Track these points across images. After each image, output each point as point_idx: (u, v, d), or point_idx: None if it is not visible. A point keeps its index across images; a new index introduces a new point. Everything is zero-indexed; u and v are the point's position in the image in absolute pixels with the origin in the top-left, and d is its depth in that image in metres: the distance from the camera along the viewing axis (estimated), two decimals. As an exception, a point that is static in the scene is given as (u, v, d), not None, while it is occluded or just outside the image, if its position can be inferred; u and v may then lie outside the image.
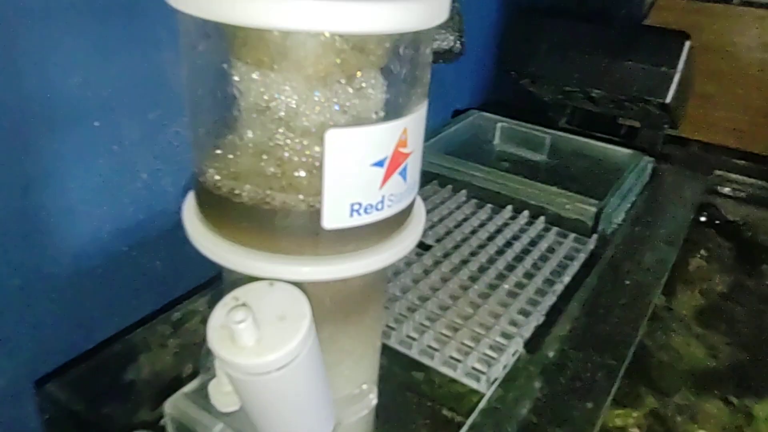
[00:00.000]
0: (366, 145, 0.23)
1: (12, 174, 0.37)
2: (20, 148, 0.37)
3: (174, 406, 0.28)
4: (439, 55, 0.46)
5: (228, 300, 0.22)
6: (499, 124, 0.66)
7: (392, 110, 0.25)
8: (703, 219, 0.65)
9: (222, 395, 0.27)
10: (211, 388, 0.27)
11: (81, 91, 0.39)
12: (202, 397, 0.28)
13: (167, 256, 0.49)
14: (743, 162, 0.71)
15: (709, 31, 0.91)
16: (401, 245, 0.27)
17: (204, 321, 0.42)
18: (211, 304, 0.43)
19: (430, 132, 0.65)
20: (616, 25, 0.60)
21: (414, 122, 0.25)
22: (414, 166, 0.26)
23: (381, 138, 0.24)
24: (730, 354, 0.48)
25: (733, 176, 0.67)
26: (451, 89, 0.82)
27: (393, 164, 0.24)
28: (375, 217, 0.25)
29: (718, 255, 0.61)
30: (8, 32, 0.35)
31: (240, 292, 0.22)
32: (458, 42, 0.45)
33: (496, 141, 0.67)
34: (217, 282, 0.47)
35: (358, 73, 0.24)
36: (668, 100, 0.57)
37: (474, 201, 0.55)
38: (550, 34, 0.63)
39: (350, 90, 0.24)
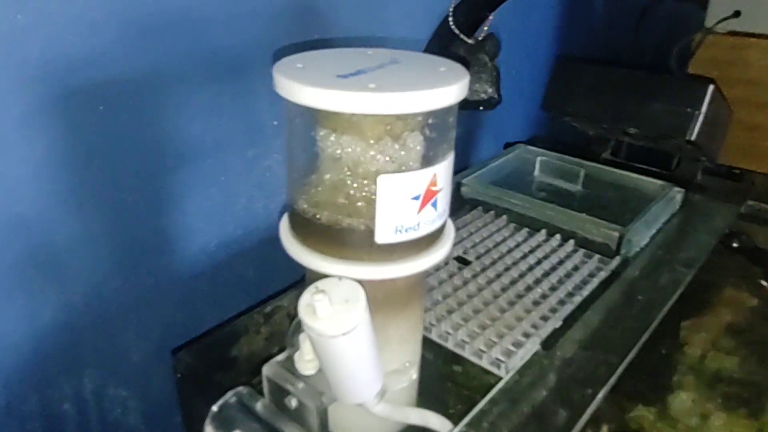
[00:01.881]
0: (406, 185, 0.34)
1: (150, 199, 0.49)
2: (157, 181, 0.49)
3: (270, 369, 0.39)
4: (480, 104, 0.56)
5: (311, 288, 0.32)
6: (538, 158, 0.75)
7: (426, 159, 0.35)
8: (735, 246, 0.71)
9: (304, 362, 0.38)
10: (297, 357, 0.38)
11: (201, 135, 0.50)
12: (290, 364, 0.39)
13: (258, 265, 0.60)
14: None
15: (757, 66, 0.95)
16: (433, 256, 0.37)
17: (288, 315, 0.54)
18: (294, 303, 0.54)
19: (480, 163, 0.75)
20: (646, 71, 0.67)
21: (442, 168, 0.35)
22: (443, 199, 0.36)
23: (417, 181, 0.34)
24: (747, 371, 0.53)
25: (764, 206, 0.72)
26: (504, 125, 0.91)
27: (426, 198, 0.35)
28: (413, 235, 0.35)
29: (746, 280, 0.66)
30: (153, 91, 0.46)
31: (319, 283, 0.33)
32: (495, 93, 0.55)
33: (536, 173, 0.75)
34: (297, 286, 0.58)
35: (402, 134, 0.34)
36: (693, 137, 0.64)
37: (513, 225, 0.64)
38: (587, 78, 0.71)
39: (396, 146, 0.34)
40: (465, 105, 0.37)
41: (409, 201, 0.34)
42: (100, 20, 0.41)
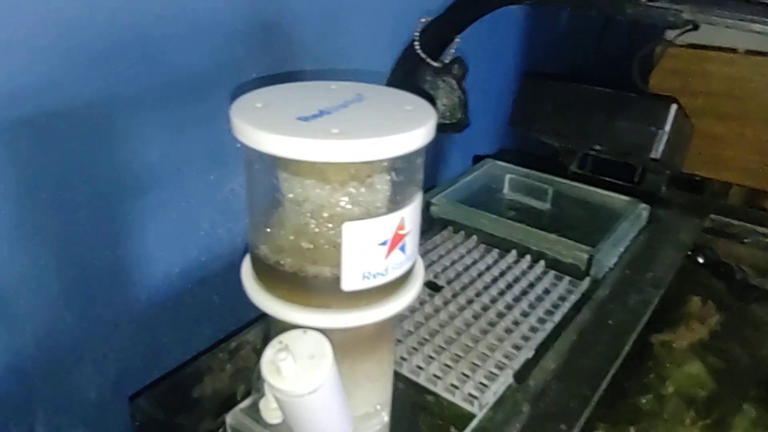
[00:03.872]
0: (373, 231, 0.32)
1: (105, 230, 0.46)
2: (112, 209, 0.46)
3: (233, 417, 0.38)
4: (449, 127, 0.55)
5: (275, 343, 0.31)
6: (507, 175, 0.74)
7: (394, 202, 0.34)
8: (701, 261, 0.72)
9: (269, 410, 0.36)
10: (261, 405, 0.36)
11: (159, 160, 0.48)
12: (254, 411, 0.37)
13: (223, 291, 0.58)
14: (740, 206, 0.76)
15: (717, 78, 0.97)
16: (402, 300, 0.35)
17: (255, 350, 0.52)
18: (260, 336, 0.52)
19: (449, 181, 0.74)
20: (610, 86, 0.67)
21: (410, 211, 0.34)
22: (411, 241, 0.35)
23: (384, 226, 0.33)
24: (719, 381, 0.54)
25: (726, 220, 0.73)
26: (473, 138, 0.90)
27: (394, 242, 0.33)
28: (381, 281, 0.34)
29: (712, 294, 0.67)
30: (105, 118, 0.43)
31: (283, 337, 0.31)
32: (464, 115, 0.54)
33: (506, 190, 0.75)
34: (264, 317, 0.56)
35: (368, 178, 0.33)
36: (658, 156, 0.64)
37: (483, 246, 0.63)
38: (553, 94, 0.71)
39: (362, 189, 0.33)
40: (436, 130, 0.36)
41: (377, 247, 0.33)
42: (45, 46, 0.39)
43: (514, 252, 0.62)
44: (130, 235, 0.48)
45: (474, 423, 0.41)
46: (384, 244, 0.33)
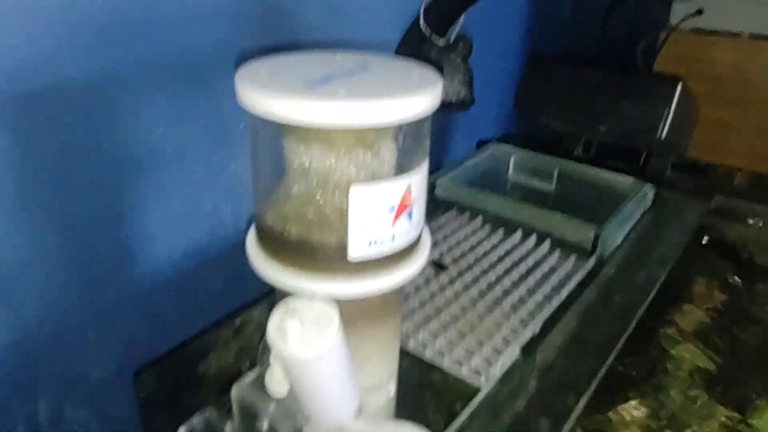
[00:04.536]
0: (380, 197, 0.32)
1: (107, 210, 0.46)
2: (115, 190, 0.46)
3: (239, 391, 0.37)
4: (454, 105, 0.54)
5: (281, 308, 0.30)
6: (512, 156, 0.74)
7: (400, 169, 0.34)
8: (705, 242, 0.71)
9: (275, 383, 0.36)
10: (267, 377, 0.36)
11: (161, 141, 0.48)
12: (260, 384, 0.37)
13: (227, 274, 0.58)
14: (747, 187, 0.76)
15: (721, 63, 0.97)
16: (409, 269, 0.35)
17: (259, 328, 0.52)
18: (266, 314, 0.52)
19: (454, 164, 0.74)
20: (616, 71, 0.67)
21: (417, 177, 0.34)
22: (418, 209, 0.35)
23: (391, 191, 0.32)
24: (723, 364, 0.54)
25: (732, 201, 0.73)
26: (477, 123, 0.90)
27: (401, 209, 0.33)
28: (387, 249, 0.33)
29: (717, 275, 0.67)
30: (107, 97, 0.43)
31: (290, 301, 0.31)
32: (469, 94, 0.54)
33: (511, 171, 0.74)
34: (268, 296, 0.56)
35: (375, 144, 0.33)
36: (663, 135, 0.64)
37: (488, 226, 0.63)
38: (559, 77, 0.70)
39: (369, 156, 0.33)
40: (438, 107, 0.36)
41: (384, 213, 0.32)
42: (47, 21, 0.38)
43: (519, 232, 0.62)
44: (133, 215, 0.48)
45: (480, 396, 0.41)
46: (391, 210, 0.32)
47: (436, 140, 0.84)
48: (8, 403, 0.44)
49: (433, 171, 0.72)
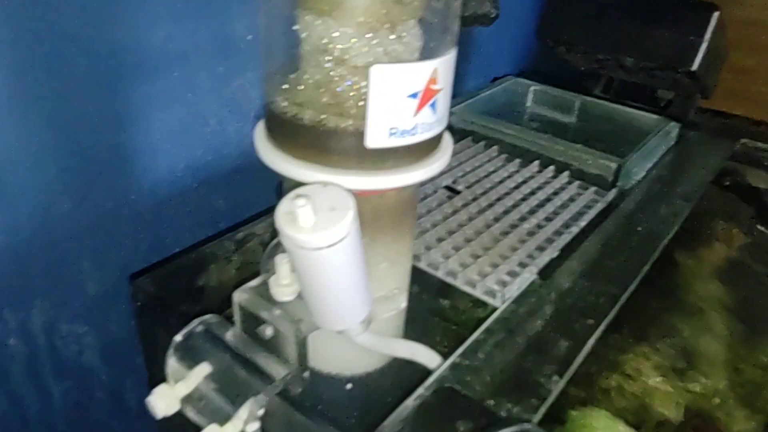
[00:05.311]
0: (403, 79, 0.29)
1: (106, 111, 0.43)
2: (114, 92, 0.43)
3: (241, 295, 0.35)
4: (476, 20, 0.51)
5: (291, 194, 0.28)
6: (532, 88, 0.70)
7: (426, 53, 0.31)
8: (726, 184, 0.68)
9: (280, 287, 0.33)
10: (272, 281, 0.34)
11: (164, 43, 0.45)
12: (264, 290, 0.34)
13: (228, 195, 0.56)
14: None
15: (756, 5, 0.91)
16: (430, 167, 0.32)
17: (262, 244, 0.49)
18: (269, 231, 0.50)
19: (468, 95, 0.70)
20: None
21: (444, 63, 0.30)
22: (443, 101, 0.32)
23: (415, 74, 0.29)
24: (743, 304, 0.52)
25: (760, 145, 0.70)
26: (491, 57, 0.86)
27: (425, 97, 0.30)
28: (408, 140, 0.31)
29: (737, 218, 0.64)
30: None
31: (301, 189, 0.28)
32: (493, 6, 0.50)
33: (529, 104, 0.71)
34: (269, 214, 0.54)
35: (399, 22, 0.29)
36: (695, 68, 0.60)
37: (504, 156, 0.60)
38: (584, 5, 0.66)
39: (392, 36, 0.30)
40: (461, 22, 0.32)
41: (406, 99, 0.29)
42: None
43: (536, 162, 0.59)
44: (133, 121, 0.46)
45: (496, 314, 0.39)
46: (414, 96, 0.30)
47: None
48: (1, 310, 0.42)
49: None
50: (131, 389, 0.54)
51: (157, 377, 0.33)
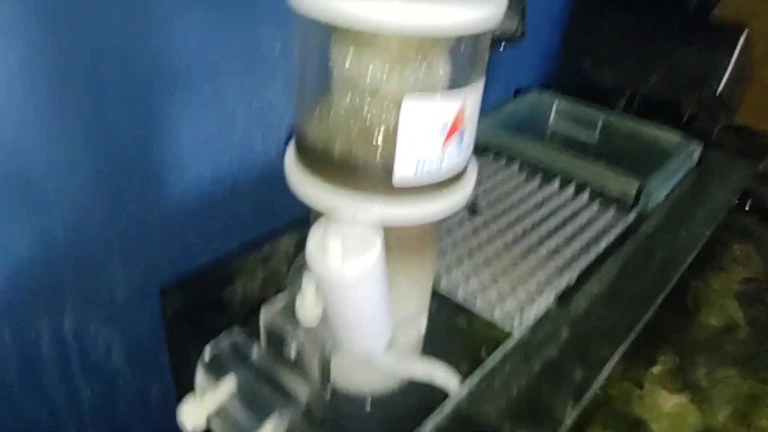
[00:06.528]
0: (433, 112, 0.30)
1: (139, 122, 0.44)
2: (148, 103, 0.44)
3: (267, 315, 0.36)
4: (503, 39, 0.51)
5: (321, 224, 0.29)
6: (555, 103, 0.70)
7: (455, 84, 0.31)
8: (747, 208, 0.68)
9: (306, 308, 0.34)
10: (298, 302, 0.35)
11: (195, 55, 0.46)
12: (289, 310, 0.35)
13: (254, 204, 0.57)
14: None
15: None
16: (452, 200, 0.33)
17: (286, 259, 0.50)
18: (293, 245, 0.51)
19: (491, 108, 0.70)
20: (674, 16, 0.62)
21: (472, 94, 0.31)
22: (469, 134, 0.32)
23: (446, 107, 0.30)
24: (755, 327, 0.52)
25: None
26: (515, 70, 0.86)
27: (452, 130, 0.31)
28: (435, 174, 0.31)
29: (757, 242, 0.64)
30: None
31: (330, 220, 0.29)
32: (520, 27, 0.50)
33: (552, 119, 0.71)
34: (295, 227, 0.54)
35: (430, 55, 0.30)
36: (720, 90, 0.60)
37: (525, 172, 0.60)
38: (611, 20, 0.66)
39: (423, 67, 0.30)
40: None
41: (435, 132, 0.30)
42: None
43: (557, 180, 0.59)
44: (164, 132, 0.47)
45: (512, 342, 0.40)
46: (443, 129, 0.30)
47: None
48: (33, 317, 0.44)
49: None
50: (155, 390, 0.56)
51: (184, 383, 0.34)
